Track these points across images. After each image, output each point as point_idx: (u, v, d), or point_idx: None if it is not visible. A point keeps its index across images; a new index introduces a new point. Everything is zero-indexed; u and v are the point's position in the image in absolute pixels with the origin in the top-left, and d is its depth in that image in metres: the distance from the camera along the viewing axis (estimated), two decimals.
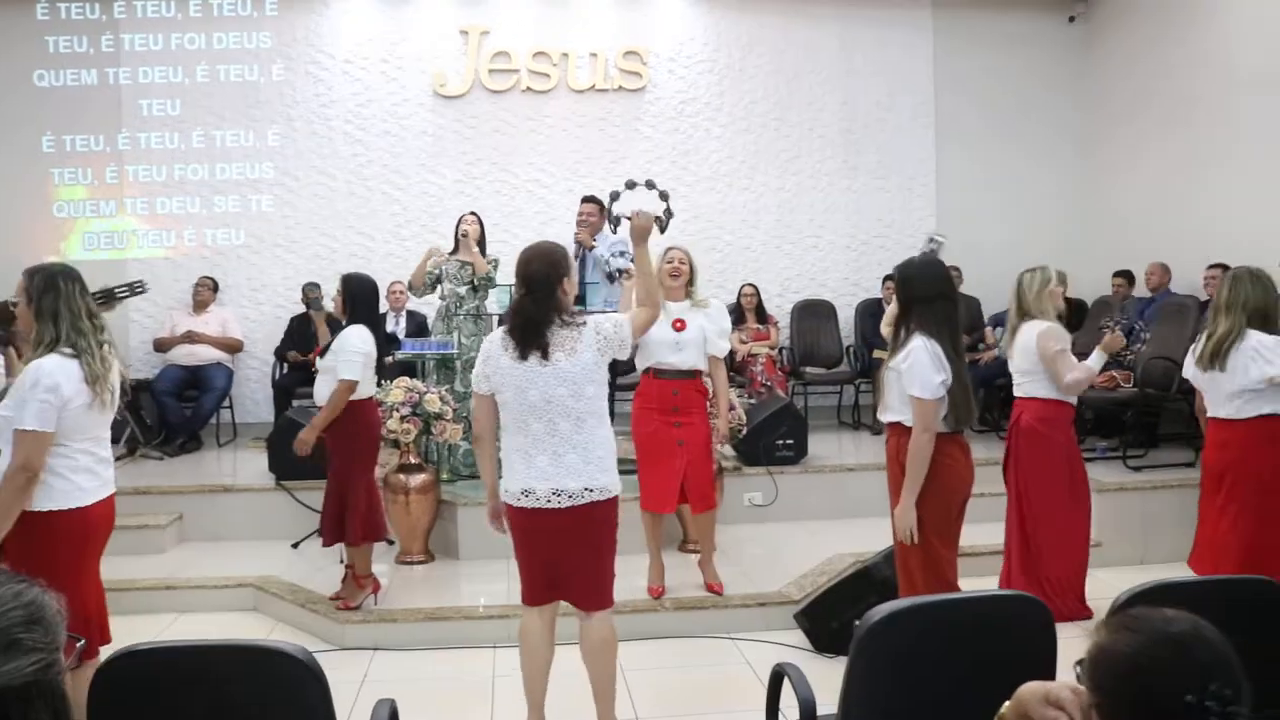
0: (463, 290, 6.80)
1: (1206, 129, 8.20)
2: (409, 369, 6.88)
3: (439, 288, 6.91)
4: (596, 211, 6.91)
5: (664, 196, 5.21)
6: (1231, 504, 4.49)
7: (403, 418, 5.85)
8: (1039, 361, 4.97)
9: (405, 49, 9.35)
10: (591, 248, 6.87)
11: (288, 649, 2.23)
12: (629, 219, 3.89)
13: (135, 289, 4.42)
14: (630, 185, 5.34)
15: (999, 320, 8.75)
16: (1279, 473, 4.46)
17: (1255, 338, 4.39)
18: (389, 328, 8.48)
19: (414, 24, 9.36)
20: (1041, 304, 5.04)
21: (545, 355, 3.53)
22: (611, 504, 3.67)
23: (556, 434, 3.56)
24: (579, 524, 3.59)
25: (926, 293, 4.03)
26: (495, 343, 3.66)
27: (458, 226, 6.92)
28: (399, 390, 5.90)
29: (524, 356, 3.54)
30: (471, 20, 9.35)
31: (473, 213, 7.03)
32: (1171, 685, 1.46)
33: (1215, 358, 4.46)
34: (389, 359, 6.93)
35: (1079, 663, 1.60)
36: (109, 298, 4.18)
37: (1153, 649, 1.50)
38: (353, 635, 5.07)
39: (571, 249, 6.85)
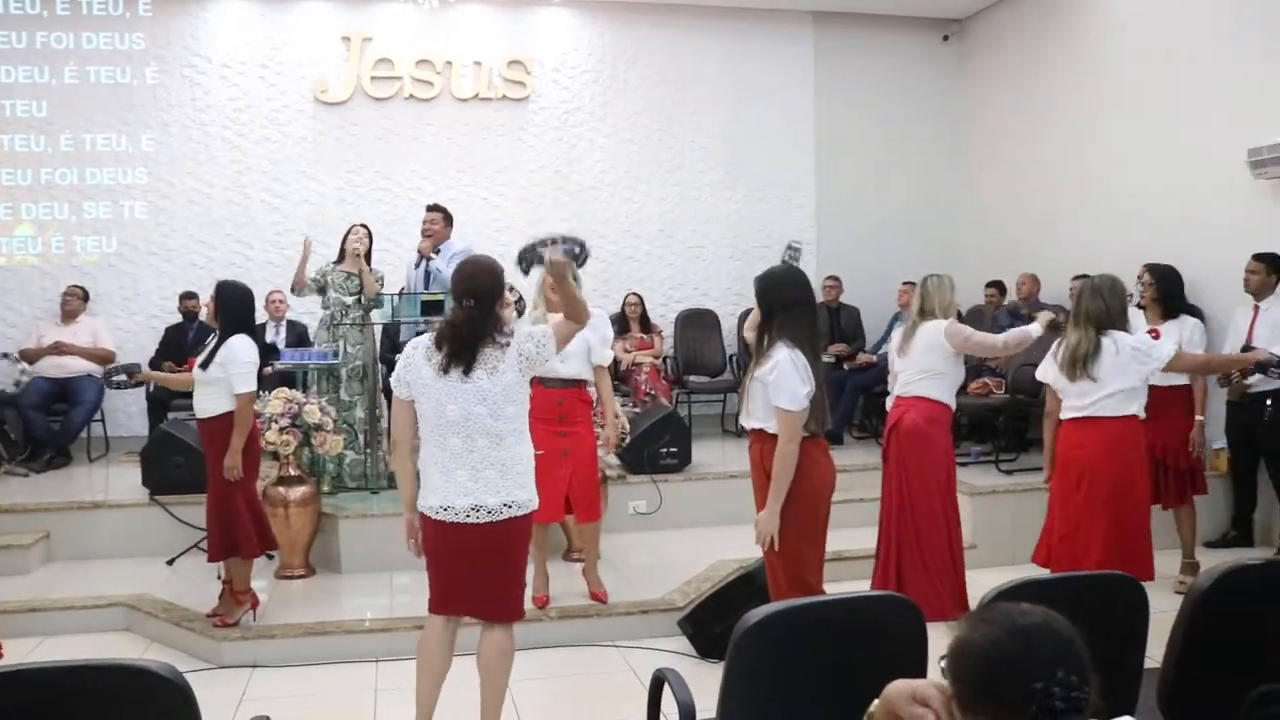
0: (349, 300, 6.75)
1: (1070, 145, 8.56)
2: (288, 379, 6.75)
3: (324, 297, 6.82)
4: (440, 220, 6.90)
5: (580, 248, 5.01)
6: (1091, 502, 4.67)
7: (282, 429, 5.75)
8: (944, 357, 5.11)
9: (285, 54, 9.19)
10: (430, 258, 6.83)
11: (153, 667, 2.16)
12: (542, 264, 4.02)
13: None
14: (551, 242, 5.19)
15: (879, 347, 8.98)
16: (1134, 470, 4.67)
17: (1129, 341, 4.58)
18: (269, 337, 8.32)
19: (294, 29, 9.20)
20: (951, 308, 5.23)
21: (467, 372, 3.51)
22: (529, 519, 3.70)
23: (475, 450, 3.55)
24: (495, 539, 3.59)
25: (788, 300, 4.12)
26: (419, 350, 3.62)
27: (345, 237, 6.85)
28: (277, 401, 5.80)
29: (446, 370, 3.52)
30: (353, 26, 9.24)
31: (363, 225, 6.96)
32: (1020, 673, 1.53)
33: (1075, 367, 4.64)
34: (269, 369, 6.81)
35: (943, 658, 1.67)
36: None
37: (1004, 640, 1.58)
38: (230, 653, 4.95)
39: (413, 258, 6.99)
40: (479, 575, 3.63)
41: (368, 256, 6.83)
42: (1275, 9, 6.56)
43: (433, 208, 7.02)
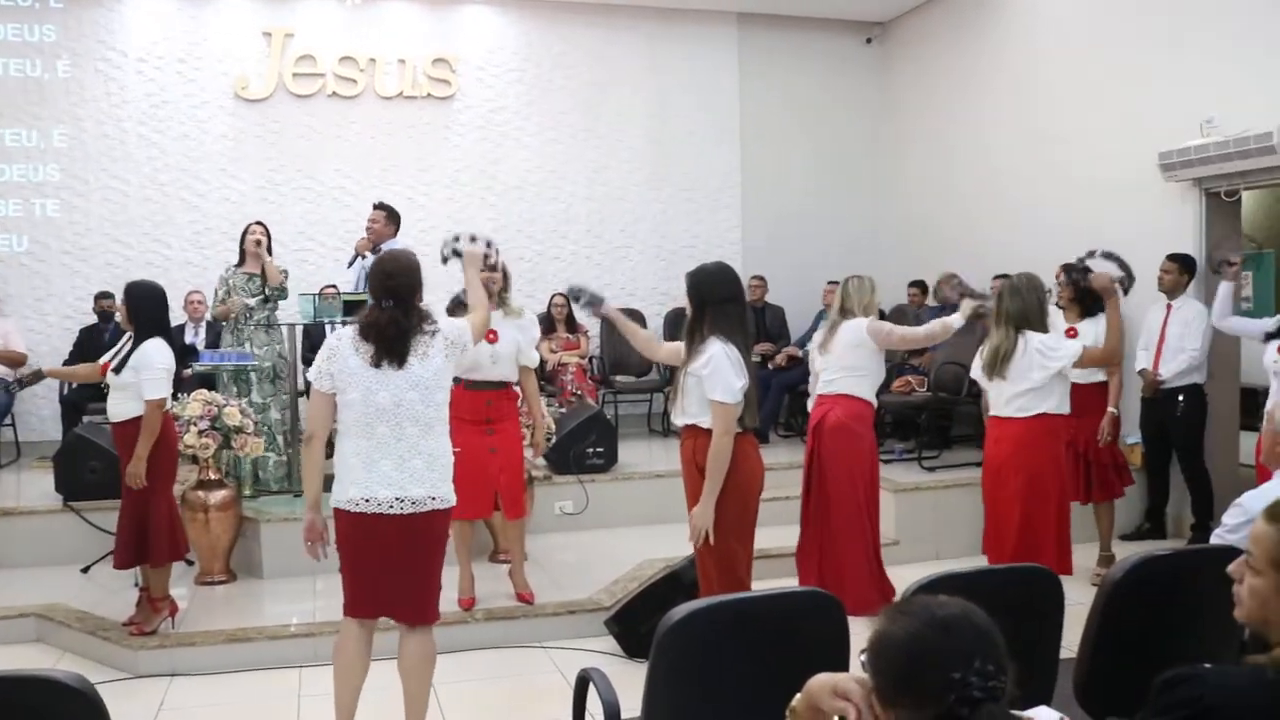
0: (252, 302, 6.66)
1: (986, 147, 8.74)
2: (208, 381, 6.62)
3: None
4: (382, 219, 6.83)
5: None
6: (1008, 497, 4.79)
7: (201, 432, 5.63)
8: (868, 355, 5.20)
9: (204, 49, 9.01)
10: (364, 256, 6.78)
11: (61, 678, 2.10)
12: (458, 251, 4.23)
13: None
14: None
15: (804, 343, 9.07)
16: (1048, 466, 4.79)
17: (1035, 340, 4.68)
18: (188, 338, 8.18)
19: (213, 24, 9.02)
20: (872, 308, 5.31)
21: (401, 364, 3.51)
22: (448, 516, 3.67)
23: (403, 439, 3.53)
24: (416, 533, 3.56)
25: (719, 296, 4.14)
26: (344, 341, 3.57)
27: (243, 238, 6.75)
28: (196, 403, 5.68)
29: (377, 364, 3.51)
30: (275, 22, 9.09)
31: (259, 223, 6.86)
32: (939, 664, 1.55)
33: (994, 367, 4.75)
34: (188, 371, 6.68)
35: (863, 651, 1.68)
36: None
37: (923, 632, 1.60)
38: (147, 662, 4.83)
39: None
40: (397, 573, 3.58)
41: (267, 251, 6.75)
42: (1184, 17, 6.75)
43: (378, 206, 6.94)
